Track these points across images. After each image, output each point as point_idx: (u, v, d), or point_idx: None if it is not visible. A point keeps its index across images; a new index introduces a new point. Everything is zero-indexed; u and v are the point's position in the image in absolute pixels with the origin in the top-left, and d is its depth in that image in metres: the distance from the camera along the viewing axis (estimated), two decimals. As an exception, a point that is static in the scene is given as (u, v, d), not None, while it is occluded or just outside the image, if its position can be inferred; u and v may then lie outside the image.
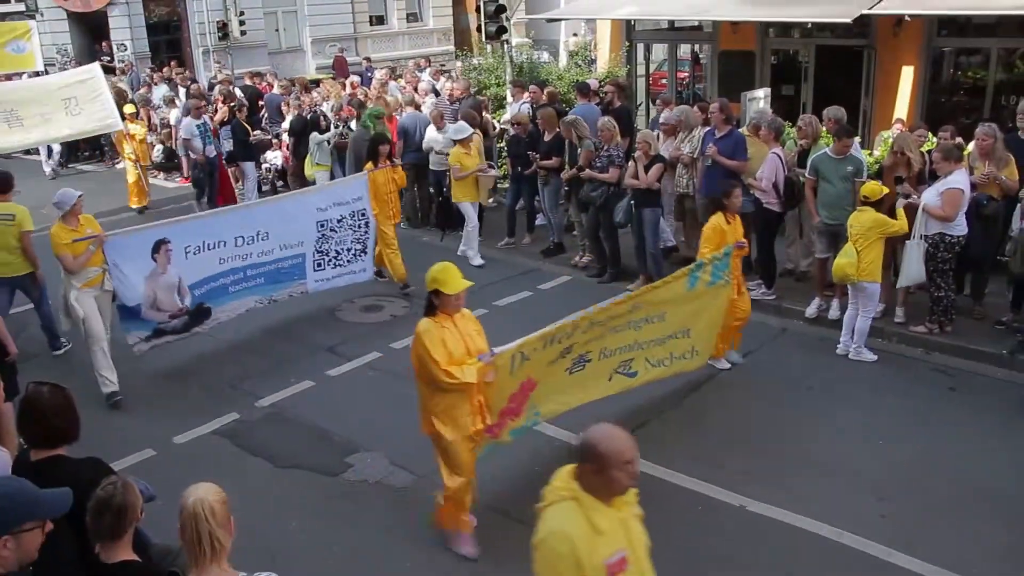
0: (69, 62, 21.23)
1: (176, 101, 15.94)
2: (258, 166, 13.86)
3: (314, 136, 12.29)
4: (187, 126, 12.58)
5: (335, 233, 8.64)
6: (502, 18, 13.34)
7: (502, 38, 13.55)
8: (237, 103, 13.66)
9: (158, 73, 19.27)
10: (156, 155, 15.59)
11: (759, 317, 8.12)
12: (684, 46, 16.61)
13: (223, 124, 13.11)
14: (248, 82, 16.53)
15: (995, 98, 12.09)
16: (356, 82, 15.64)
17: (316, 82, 16.64)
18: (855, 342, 7.52)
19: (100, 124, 12.54)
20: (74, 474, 3.41)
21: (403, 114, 11.87)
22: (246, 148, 13.23)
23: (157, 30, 25.26)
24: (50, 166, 16.36)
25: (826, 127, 8.65)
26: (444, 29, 30.45)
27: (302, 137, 12.61)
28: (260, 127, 14.34)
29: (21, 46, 16.84)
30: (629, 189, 8.97)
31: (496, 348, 4.96)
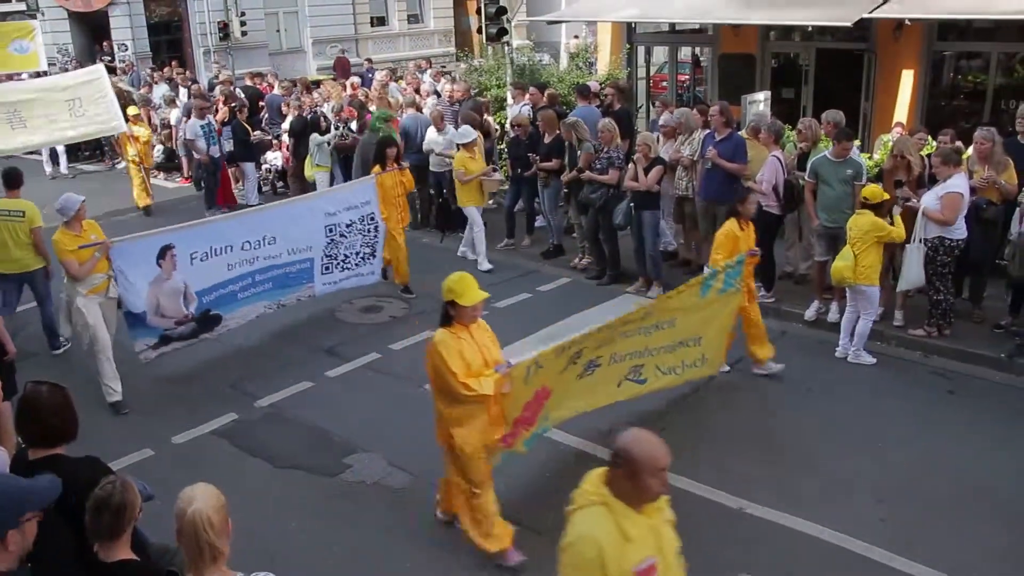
0: (70, 62, 21.23)
1: (176, 101, 15.94)
2: (258, 167, 13.87)
3: (314, 137, 12.30)
4: (192, 126, 12.60)
5: (344, 239, 8.60)
6: (503, 20, 13.36)
7: (503, 40, 13.56)
8: (238, 103, 13.67)
9: (159, 73, 19.26)
10: (156, 155, 15.54)
11: (758, 320, 8.13)
12: (685, 49, 16.63)
13: (223, 124, 13.11)
14: (249, 82, 16.51)
15: (995, 102, 12.09)
16: (357, 83, 15.62)
17: (317, 83, 16.61)
18: (855, 345, 7.53)
19: (103, 127, 12.50)
20: (72, 473, 3.40)
21: (404, 115, 11.88)
22: (246, 148, 13.25)
23: (158, 30, 25.28)
24: (53, 167, 16.22)
25: (824, 131, 8.67)
26: (445, 30, 30.46)
27: (302, 138, 12.62)
28: (260, 128, 14.33)
29: (25, 46, 16.74)
30: (629, 191, 8.97)
31: (511, 359, 4.92)
